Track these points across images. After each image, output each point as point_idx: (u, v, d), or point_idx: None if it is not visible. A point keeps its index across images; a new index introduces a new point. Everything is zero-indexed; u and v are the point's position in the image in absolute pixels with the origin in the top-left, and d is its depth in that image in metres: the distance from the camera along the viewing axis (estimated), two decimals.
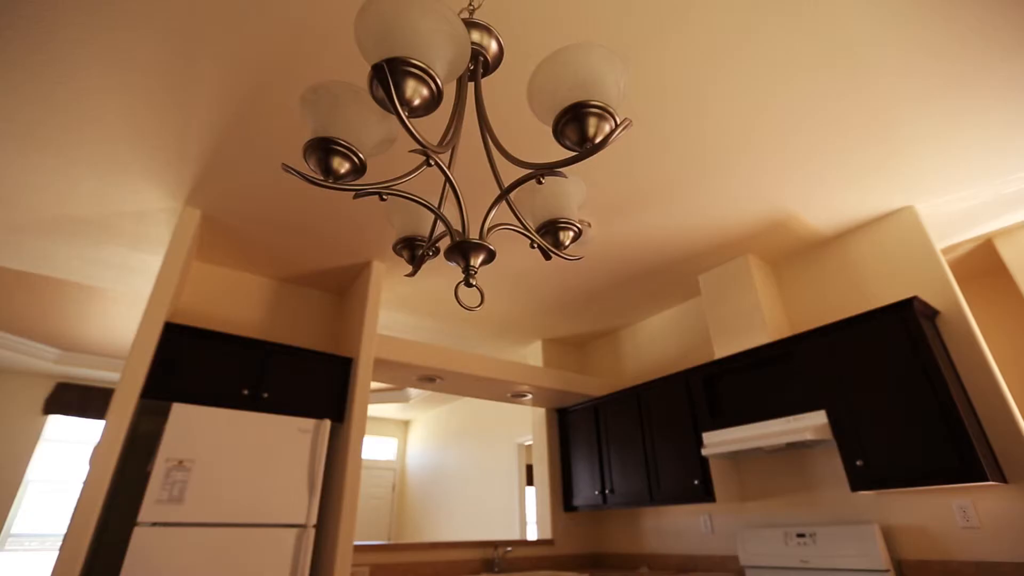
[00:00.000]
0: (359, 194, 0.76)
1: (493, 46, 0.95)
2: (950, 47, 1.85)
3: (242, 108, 2.07)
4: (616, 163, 2.37)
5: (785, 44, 1.83)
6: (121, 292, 3.83)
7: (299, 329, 3.40)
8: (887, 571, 2.31)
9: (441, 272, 3.32)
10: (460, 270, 0.79)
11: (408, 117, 0.66)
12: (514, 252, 3.09)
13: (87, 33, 1.75)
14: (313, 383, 2.85)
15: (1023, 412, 3.22)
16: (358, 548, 2.94)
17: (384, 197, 0.79)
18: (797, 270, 3.20)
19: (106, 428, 2.16)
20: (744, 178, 2.50)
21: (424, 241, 0.96)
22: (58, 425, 5.29)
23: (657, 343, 3.96)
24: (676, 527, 3.40)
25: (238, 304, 3.24)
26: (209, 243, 2.99)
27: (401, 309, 3.89)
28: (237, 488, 2.34)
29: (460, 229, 0.80)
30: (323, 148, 0.76)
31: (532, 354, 4.52)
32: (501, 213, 2.52)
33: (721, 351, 3.14)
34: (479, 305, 0.92)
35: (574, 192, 0.95)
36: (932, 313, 2.50)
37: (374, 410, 7.09)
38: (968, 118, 2.16)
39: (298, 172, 0.74)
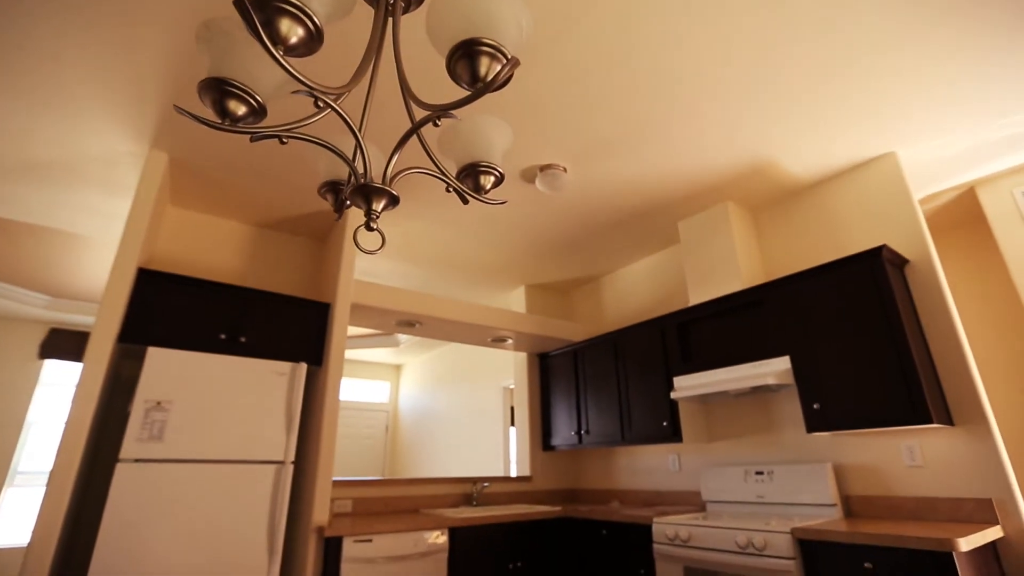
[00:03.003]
0: (256, 137, 0.75)
1: None
2: None
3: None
4: (583, 105, 2.30)
5: None
6: (102, 239, 3.82)
7: (279, 275, 3.42)
8: (834, 505, 2.44)
9: (420, 216, 3.30)
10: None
11: (285, 56, 0.64)
12: (500, 196, 3.04)
13: None
14: (291, 328, 2.90)
15: (985, 360, 3.29)
16: (342, 483, 3.09)
17: (284, 140, 0.78)
18: (776, 218, 3.18)
19: (83, 372, 2.21)
20: (720, 123, 2.43)
21: (346, 185, 0.95)
22: (55, 370, 5.42)
23: (637, 290, 3.99)
24: (646, 465, 3.56)
25: (217, 250, 3.24)
26: (181, 188, 2.95)
27: (385, 256, 3.89)
28: (215, 427, 2.44)
29: (364, 172, 0.79)
30: (218, 89, 0.74)
31: (515, 300, 4.56)
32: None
33: (696, 298, 3.17)
34: (379, 248, 0.92)
35: (496, 136, 0.93)
36: (901, 262, 2.50)
37: (366, 355, 7.25)
38: (953, 60, 2.07)
39: (191, 114, 0.72)
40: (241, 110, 0.76)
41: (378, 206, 0.79)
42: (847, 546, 1.96)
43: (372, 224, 0.80)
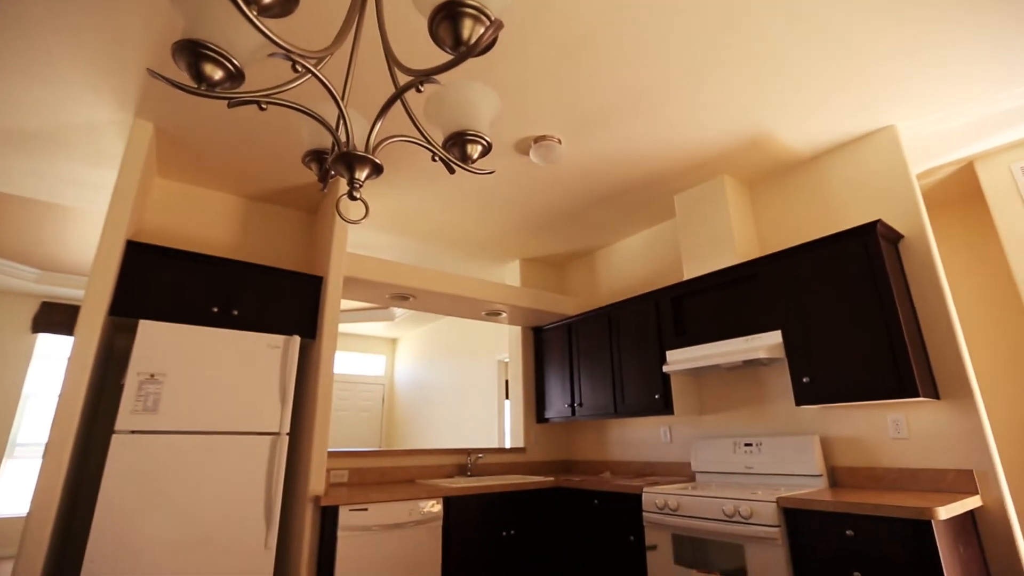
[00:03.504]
0: (233, 103, 0.72)
1: None
2: None
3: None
4: (578, 76, 2.25)
5: None
6: (90, 211, 3.77)
7: (272, 248, 3.39)
8: (820, 475, 2.49)
9: (414, 189, 3.26)
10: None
11: (259, 16, 0.61)
12: (494, 169, 3.00)
13: None
14: (284, 301, 2.89)
15: (974, 335, 3.33)
16: (339, 454, 3.13)
17: (263, 107, 0.75)
18: (773, 192, 3.15)
19: (75, 345, 2.21)
20: (717, 94, 2.38)
21: (330, 154, 0.93)
22: (49, 343, 5.41)
23: (632, 264, 3.98)
24: (638, 437, 3.62)
25: (207, 223, 3.20)
26: (169, 159, 2.90)
27: (380, 229, 3.86)
28: (210, 399, 2.45)
29: (346, 140, 0.77)
30: (192, 52, 0.71)
31: (510, 274, 4.56)
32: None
33: (690, 272, 3.17)
34: (363, 218, 0.91)
35: (482, 103, 0.90)
36: (896, 237, 2.50)
37: (362, 328, 7.27)
38: (954, 31, 2.03)
39: (165, 78, 0.69)
40: (218, 74, 0.73)
41: (361, 175, 0.78)
42: (830, 514, 2.01)
43: (355, 193, 0.78)
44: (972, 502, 2.02)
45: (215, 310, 2.69)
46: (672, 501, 2.53)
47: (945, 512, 1.79)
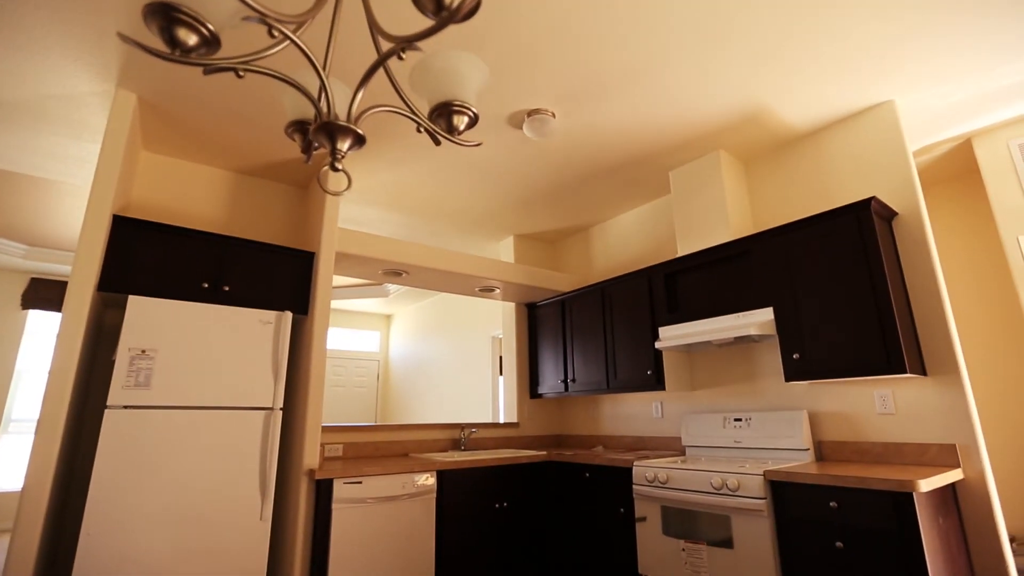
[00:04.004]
0: (209, 70, 0.69)
1: None
2: None
3: None
4: (572, 48, 2.19)
5: None
6: (75, 185, 3.70)
7: (262, 223, 3.35)
8: (807, 449, 2.54)
9: (406, 163, 3.21)
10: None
11: None
12: (487, 143, 2.96)
13: None
14: (275, 277, 2.87)
15: (964, 311, 3.35)
16: (333, 429, 3.16)
17: (240, 74, 0.73)
18: (768, 168, 3.13)
19: (63, 321, 2.19)
20: (714, 66, 2.34)
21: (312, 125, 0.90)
22: (41, 319, 5.38)
23: (627, 240, 3.97)
24: (630, 412, 3.66)
25: (196, 198, 3.15)
26: (154, 131, 2.83)
27: (373, 204, 3.81)
28: (202, 375, 2.45)
29: (327, 109, 0.75)
30: (164, 15, 0.68)
31: (504, 250, 4.54)
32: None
33: (684, 249, 3.17)
34: (345, 189, 0.89)
35: (469, 73, 0.88)
36: (890, 214, 2.49)
37: (356, 304, 7.26)
38: (955, 3, 1.98)
39: (136, 42, 0.66)
40: (192, 40, 0.70)
41: (343, 146, 0.75)
42: (815, 487, 2.05)
43: (337, 164, 0.76)
44: (954, 475, 2.07)
45: (205, 286, 2.67)
46: (662, 474, 2.57)
47: (926, 485, 1.83)
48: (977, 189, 3.42)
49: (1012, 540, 2.83)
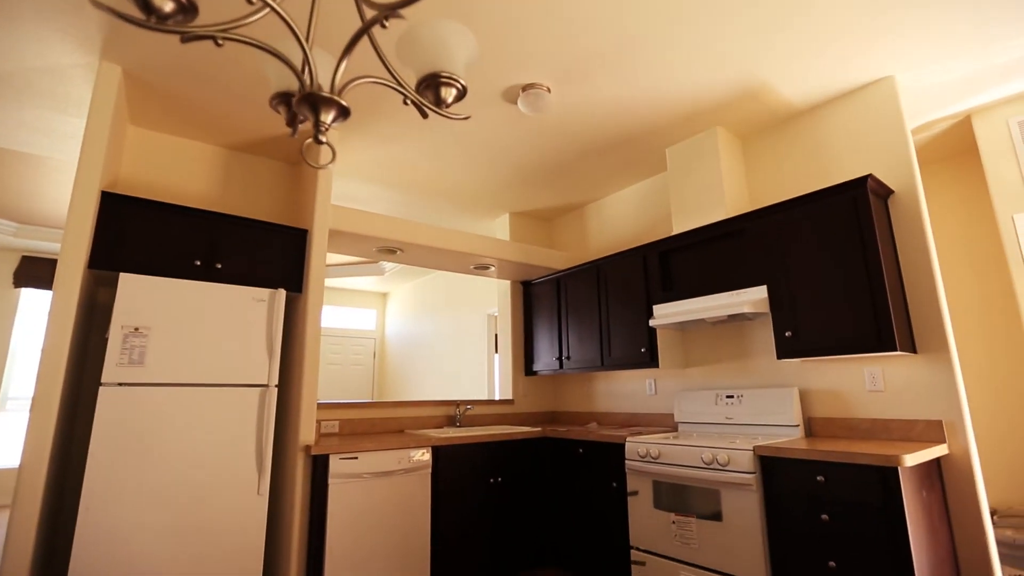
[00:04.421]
0: (187, 38, 0.67)
1: None
2: None
3: None
4: (567, 20, 2.14)
5: None
6: (63, 161, 3.64)
7: (255, 200, 3.31)
8: (797, 426, 2.58)
9: (400, 139, 3.16)
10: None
11: None
12: (482, 119, 2.92)
13: None
14: (268, 254, 2.86)
15: (956, 289, 3.37)
16: (329, 406, 3.18)
17: (219, 42, 0.70)
18: (766, 145, 3.10)
19: (54, 299, 2.18)
20: (712, 40, 2.29)
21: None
22: (34, 297, 5.35)
23: (623, 218, 3.95)
24: (624, 389, 3.70)
25: (187, 174, 3.10)
26: (141, 105, 2.77)
27: (367, 181, 3.77)
28: (196, 352, 2.45)
29: (311, 80, 0.73)
30: None
31: (500, 228, 4.52)
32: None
33: (680, 227, 3.15)
34: (330, 162, 0.87)
35: (457, 44, 0.85)
36: (886, 192, 2.48)
37: (352, 283, 7.25)
38: None
39: (109, 8, 0.64)
40: (168, 6, 0.68)
41: (327, 118, 0.74)
42: (803, 462, 2.09)
43: (321, 137, 0.75)
44: (939, 450, 2.10)
45: (198, 263, 2.65)
46: (654, 449, 2.61)
47: (911, 459, 1.87)
48: (974, 167, 3.40)
49: (993, 513, 2.90)
